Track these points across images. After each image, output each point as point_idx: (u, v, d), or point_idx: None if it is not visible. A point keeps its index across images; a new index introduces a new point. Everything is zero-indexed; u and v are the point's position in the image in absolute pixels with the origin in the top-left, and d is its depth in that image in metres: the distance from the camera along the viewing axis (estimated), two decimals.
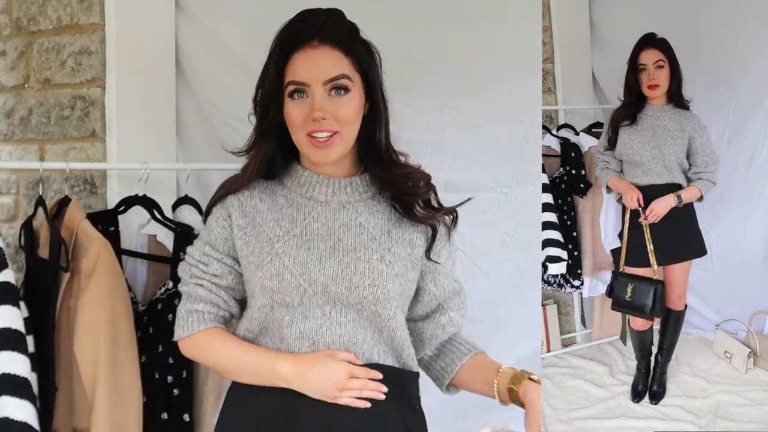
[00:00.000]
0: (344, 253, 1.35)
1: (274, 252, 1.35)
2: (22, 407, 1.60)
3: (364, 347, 1.35)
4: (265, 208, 1.40)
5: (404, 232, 1.41)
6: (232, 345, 1.39)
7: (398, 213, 1.41)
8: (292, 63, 1.34)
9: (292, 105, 1.34)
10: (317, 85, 1.32)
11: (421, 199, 1.41)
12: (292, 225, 1.38)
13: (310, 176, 1.41)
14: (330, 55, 1.33)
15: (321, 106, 1.31)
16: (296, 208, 1.40)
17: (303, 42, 1.34)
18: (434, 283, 1.47)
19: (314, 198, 1.40)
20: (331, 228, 1.38)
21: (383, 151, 1.40)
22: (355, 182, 1.42)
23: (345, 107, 1.33)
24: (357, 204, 1.41)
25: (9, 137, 2.35)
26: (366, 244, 1.37)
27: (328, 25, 1.34)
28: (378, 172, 1.41)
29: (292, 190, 1.42)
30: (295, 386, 1.30)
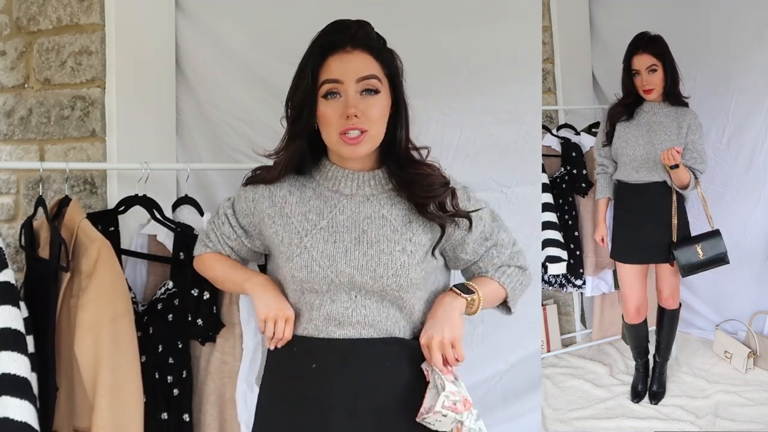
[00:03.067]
0: (368, 246, 1.47)
1: (303, 245, 1.48)
2: (22, 407, 1.59)
3: (387, 324, 1.48)
4: (294, 201, 1.53)
5: (425, 221, 1.52)
6: (224, 263, 1.65)
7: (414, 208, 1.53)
8: (327, 65, 1.44)
9: (325, 105, 1.44)
10: (350, 82, 1.43)
11: (435, 201, 1.51)
12: (319, 217, 1.50)
13: (336, 171, 1.52)
14: (362, 57, 1.45)
15: (354, 103, 1.42)
16: (323, 200, 1.52)
17: (338, 47, 1.45)
18: (464, 251, 1.59)
19: (340, 191, 1.52)
20: (356, 220, 1.49)
21: (402, 151, 1.51)
22: (378, 176, 1.53)
23: (375, 107, 1.44)
24: (380, 196, 1.52)
25: (9, 137, 2.35)
26: (389, 236, 1.48)
27: (360, 33, 1.46)
28: (395, 171, 1.51)
29: (320, 183, 1.54)
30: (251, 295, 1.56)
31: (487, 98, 2.52)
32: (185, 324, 1.86)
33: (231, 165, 2.20)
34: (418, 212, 1.51)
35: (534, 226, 2.73)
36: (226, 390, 1.89)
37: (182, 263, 1.91)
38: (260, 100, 2.32)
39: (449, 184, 1.55)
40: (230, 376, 1.88)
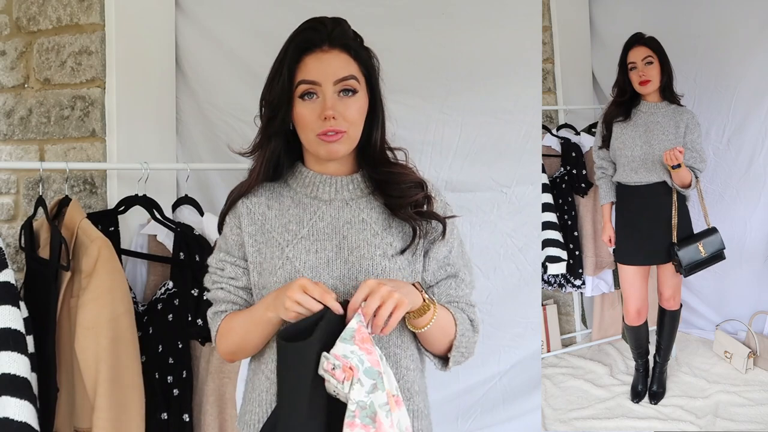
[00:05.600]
0: (349, 252, 1.42)
1: (284, 257, 1.42)
2: (22, 407, 1.60)
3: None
4: (273, 215, 1.46)
5: (403, 224, 1.46)
6: (238, 317, 1.44)
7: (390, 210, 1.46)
8: (304, 65, 1.40)
9: (302, 105, 1.40)
10: (328, 84, 1.39)
11: (410, 203, 1.45)
12: (299, 226, 1.44)
13: (314, 176, 1.47)
14: (340, 57, 1.41)
15: (332, 105, 1.38)
16: (302, 208, 1.46)
17: (314, 46, 1.41)
18: (426, 267, 1.49)
19: (319, 197, 1.47)
20: (336, 226, 1.44)
21: (377, 151, 1.47)
22: (356, 179, 1.48)
23: (353, 108, 1.40)
24: (359, 200, 1.47)
25: (9, 137, 2.35)
26: (369, 240, 1.43)
27: (337, 31, 1.42)
28: (371, 171, 1.47)
29: (297, 190, 1.48)
30: (274, 313, 1.33)
31: (487, 98, 2.52)
32: (185, 324, 1.86)
33: (231, 165, 2.19)
34: (394, 214, 1.45)
35: (534, 226, 2.73)
36: (226, 390, 1.89)
37: (182, 263, 1.91)
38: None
39: (425, 185, 1.49)
40: (230, 376, 1.88)
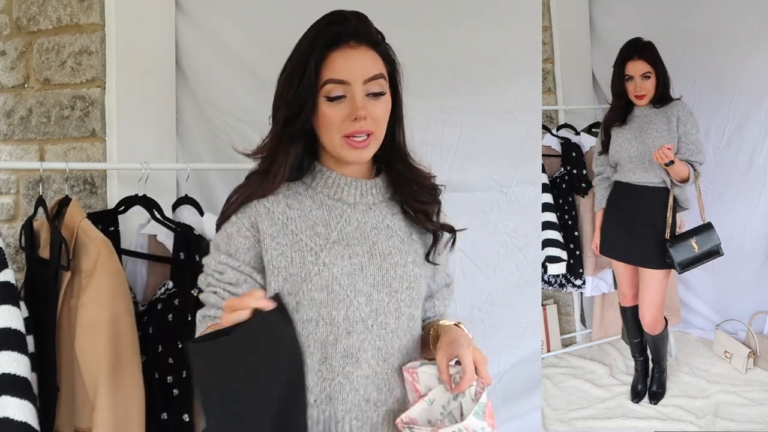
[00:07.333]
0: (382, 259, 1.37)
1: (321, 262, 1.33)
2: (22, 407, 1.60)
3: (399, 356, 1.37)
4: (296, 215, 1.37)
5: (420, 233, 1.45)
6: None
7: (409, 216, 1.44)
8: (330, 62, 1.31)
9: (328, 106, 1.32)
10: (358, 83, 1.31)
11: (426, 209, 1.43)
12: (327, 230, 1.37)
13: (338, 178, 1.40)
14: (368, 54, 1.33)
15: (364, 105, 1.31)
16: (326, 210, 1.39)
17: (341, 41, 1.32)
18: (433, 279, 1.49)
19: (343, 200, 1.40)
20: (364, 231, 1.38)
21: (402, 151, 1.42)
22: (379, 184, 1.43)
23: (380, 108, 1.34)
24: (380, 205, 1.42)
25: (9, 137, 2.35)
26: (398, 247, 1.39)
27: (362, 27, 1.34)
28: (398, 171, 1.42)
29: (318, 191, 1.40)
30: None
31: (487, 98, 2.52)
32: (185, 324, 1.86)
33: (231, 165, 2.19)
34: (413, 221, 1.42)
35: (534, 226, 2.73)
36: None
37: (182, 263, 1.91)
38: (260, 100, 2.29)
39: (438, 192, 1.46)
40: None
